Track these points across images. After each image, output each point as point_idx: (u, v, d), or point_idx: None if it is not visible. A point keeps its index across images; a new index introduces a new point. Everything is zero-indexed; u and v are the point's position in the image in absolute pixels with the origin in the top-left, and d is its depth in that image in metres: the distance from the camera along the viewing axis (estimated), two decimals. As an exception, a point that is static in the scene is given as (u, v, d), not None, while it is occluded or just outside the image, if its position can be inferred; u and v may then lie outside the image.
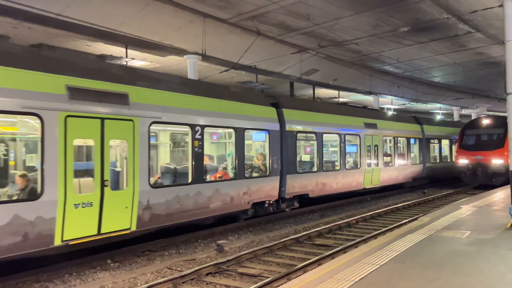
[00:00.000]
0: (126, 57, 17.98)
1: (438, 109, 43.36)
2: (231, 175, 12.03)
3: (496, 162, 22.26)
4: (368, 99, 33.61)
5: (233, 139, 12.05)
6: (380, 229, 12.19)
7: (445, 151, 27.73)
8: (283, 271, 8.07)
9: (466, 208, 12.71)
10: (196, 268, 8.20)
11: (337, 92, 29.82)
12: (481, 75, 29.20)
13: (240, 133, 12.14)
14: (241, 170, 12.11)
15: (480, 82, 31.77)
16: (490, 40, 20.75)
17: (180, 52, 18.00)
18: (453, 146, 27.37)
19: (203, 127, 10.76)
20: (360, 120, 18.84)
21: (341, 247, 9.94)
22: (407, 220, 13.49)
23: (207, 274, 8.19)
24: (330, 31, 18.04)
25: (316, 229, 12.12)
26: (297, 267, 8.29)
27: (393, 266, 6.57)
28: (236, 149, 11.98)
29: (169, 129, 12.87)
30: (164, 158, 13.45)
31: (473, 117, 35.70)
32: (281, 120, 14.13)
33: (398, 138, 21.58)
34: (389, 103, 36.46)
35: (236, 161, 12.01)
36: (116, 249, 9.52)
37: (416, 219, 11.95)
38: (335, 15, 16.74)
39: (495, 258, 7.00)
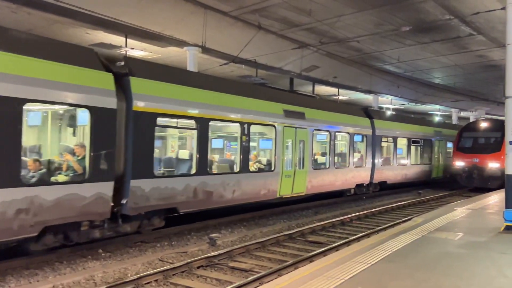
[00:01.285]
0: (126, 46, 17.86)
1: (437, 111, 43.38)
2: None
3: (493, 165, 22.28)
4: (367, 98, 33.57)
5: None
6: (373, 228, 12.19)
7: (405, 153, 22.94)
8: (274, 267, 8.05)
9: (460, 210, 12.71)
10: (188, 261, 8.17)
11: (336, 90, 29.74)
12: (481, 78, 29.21)
13: None
14: None
15: (480, 85, 31.77)
16: (491, 43, 20.72)
17: (180, 43, 17.90)
18: (419, 148, 24.24)
19: None
20: (277, 106, 13.77)
21: (333, 245, 9.93)
22: (400, 220, 13.49)
23: (198, 267, 8.17)
24: (332, 28, 17.97)
25: (310, 226, 12.11)
26: (288, 263, 8.27)
27: (385, 266, 6.55)
28: None
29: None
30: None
31: (471, 120, 35.70)
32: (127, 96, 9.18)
33: (337, 134, 17.03)
34: (388, 102, 36.42)
35: None
36: (108, 239, 9.48)
37: (409, 219, 11.95)
38: (338, 12, 16.66)
39: (487, 261, 6.99)
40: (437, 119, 38.40)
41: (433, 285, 5.69)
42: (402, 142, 22.56)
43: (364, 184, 19.19)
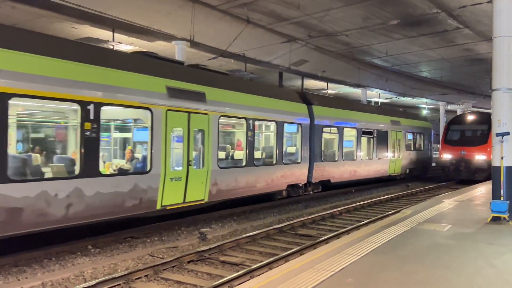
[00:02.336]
0: (113, 41, 17.68)
1: (424, 104, 43.78)
2: None
3: (479, 157, 22.58)
4: (356, 92, 33.73)
5: None
6: (363, 221, 12.29)
7: (353, 146, 19.62)
8: (265, 260, 8.07)
9: (448, 202, 12.87)
10: (178, 256, 8.16)
11: (325, 83, 29.83)
12: (468, 72, 29.52)
13: None
14: None
15: (467, 78, 32.11)
16: (478, 36, 20.92)
17: (168, 37, 17.77)
18: (373, 140, 20.84)
19: None
20: (156, 82, 10.12)
21: (323, 237, 9.98)
22: (390, 212, 13.62)
23: (189, 262, 8.16)
24: (321, 22, 17.98)
25: (300, 219, 12.16)
26: (279, 256, 8.30)
27: (374, 258, 6.61)
28: None
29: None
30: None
31: (458, 113, 36.09)
32: None
33: (258, 122, 13.88)
34: (377, 96, 36.66)
35: None
36: (98, 235, 9.42)
37: (398, 211, 12.06)
38: (326, 5, 16.66)
39: (474, 252, 7.09)
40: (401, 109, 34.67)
41: (422, 276, 5.76)
42: (350, 133, 19.29)
43: (300, 185, 15.94)
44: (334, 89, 33.58)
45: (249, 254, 8.98)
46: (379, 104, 37.47)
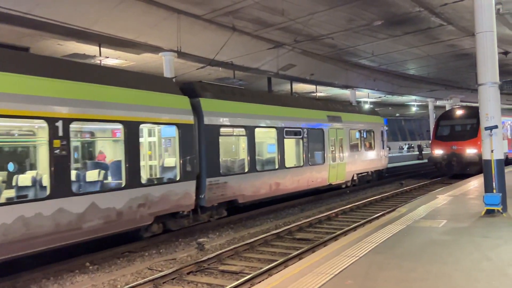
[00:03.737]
0: (100, 55, 17.66)
1: (413, 101, 44.17)
2: None
3: (470, 151, 22.80)
4: (344, 93, 33.94)
5: None
6: (359, 221, 12.34)
7: (273, 151, 15.22)
8: (264, 267, 8.08)
9: (442, 198, 12.98)
10: (177, 268, 8.14)
11: (314, 86, 30.01)
12: (453, 67, 29.88)
13: None
14: None
15: (453, 73, 32.50)
16: (461, 32, 21.20)
17: (155, 49, 17.79)
18: (302, 142, 16.30)
19: None
20: None
21: (321, 240, 10.02)
22: (385, 211, 13.69)
23: (188, 273, 8.14)
24: (306, 26, 18.11)
25: (297, 223, 12.18)
26: (278, 262, 8.32)
27: (372, 258, 6.65)
28: None
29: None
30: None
31: (447, 108, 36.46)
32: None
33: (74, 125, 8.71)
34: (366, 96, 36.93)
35: None
36: (95, 252, 9.36)
37: (394, 210, 12.14)
38: (310, 10, 16.82)
39: (470, 246, 7.16)
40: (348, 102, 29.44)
41: (421, 273, 5.81)
42: (267, 135, 15.50)
43: (184, 212, 11.20)
44: (323, 91, 33.79)
45: (248, 261, 8.98)
46: (316, 97, 32.13)
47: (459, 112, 25.20)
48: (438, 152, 24.21)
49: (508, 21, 19.24)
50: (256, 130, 13.84)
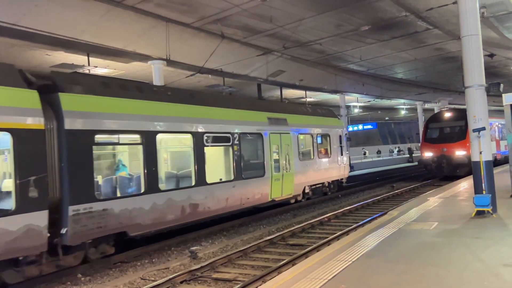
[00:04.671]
0: (89, 65, 17.59)
1: (402, 105, 44.56)
2: None
3: (460, 153, 23.02)
4: (334, 98, 34.16)
5: None
6: (351, 225, 12.38)
7: (188, 164, 12.08)
8: (258, 274, 8.06)
9: (433, 200, 13.07)
10: (170, 277, 8.08)
11: (304, 92, 30.16)
12: (441, 70, 30.24)
13: None
14: None
15: (440, 76, 32.88)
16: (447, 36, 21.49)
17: (144, 58, 17.80)
18: (232, 150, 13.04)
19: None
20: None
21: (314, 245, 10.02)
22: (377, 214, 13.75)
23: (181, 282, 8.09)
24: (294, 33, 18.24)
25: (290, 229, 12.18)
26: (271, 268, 8.31)
27: (365, 262, 6.68)
28: None
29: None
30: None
31: (435, 111, 36.82)
32: None
33: None
34: (355, 100, 37.19)
35: None
36: (87, 263, 9.27)
37: (385, 213, 12.20)
38: (298, 16, 16.94)
39: (462, 247, 7.22)
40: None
41: (413, 276, 5.85)
42: (178, 142, 12.81)
43: (30, 258, 7.93)
44: (312, 96, 33.98)
45: (241, 269, 8.96)
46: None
47: (447, 115, 25.46)
48: (428, 154, 24.41)
49: (492, 24, 19.55)
50: (160, 136, 10.66)
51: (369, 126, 40.16)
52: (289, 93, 31.00)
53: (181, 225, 11.35)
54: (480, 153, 9.98)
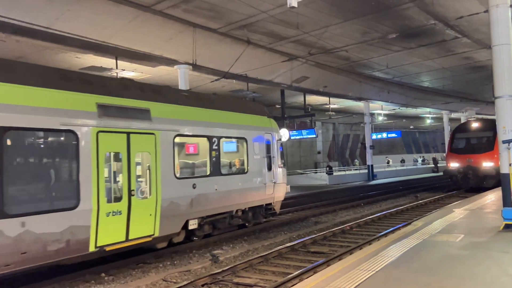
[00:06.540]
0: (116, 68, 17.98)
1: (428, 113, 43.86)
2: None
3: (487, 164, 22.48)
4: (358, 105, 33.89)
5: None
6: (374, 235, 12.22)
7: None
8: (279, 280, 8.05)
9: (458, 212, 12.79)
10: (192, 280, 8.14)
11: (327, 98, 30.03)
12: (469, 79, 29.66)
13: None
14: None
15: (468, 86, 32.24)
16: (476, 44, 21.09)
17: (171, 62, 18.06)
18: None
19: None
20: None
21: (336, 254, 9.94)
22: (401, 224, 13.54)
23: (202, 285, 8.14)
24: (320, 39, 18.21)
25: (311, 236, 12.11)
26: (292, 275, 8.27)
27: (389, 272, 6.58)
28: None
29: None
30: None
31: (462, 121, 36.08)
32: None
33: None
34: (379, 108, 36.80)
35: None
36: (110, 262, 9.43)
37: (409, 223, 12.00)
38: (324, 23, 16.93)
39: (489, 261, 7.05)
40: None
41: (438, 289, 5.73)
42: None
43: None
44: (336, 103, 33.78)
45: (262, 274, 8.95)
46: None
47: (475, 125, 24.93)
48: (454, 165, 23.93)
49: (524, 33, 19.08)
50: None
51: (393, 135, 39.53)
52: (313, 99, 30.93)
53: None
54: (510, 165, 9.74)
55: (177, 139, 10.62)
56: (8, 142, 7.34)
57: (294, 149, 41.96)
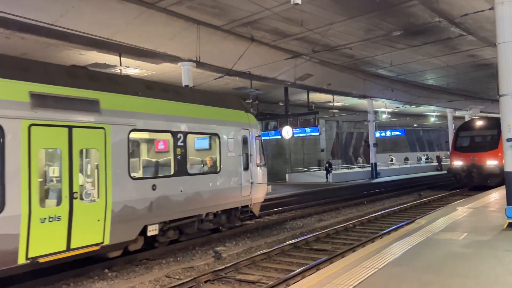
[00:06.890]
0: (120, 65, 18.00)
1: (432, 112, 43.69)
2: None
3: (491, 163, 22.39)
4: (362, 103, 33.80)
5: None
6: (377, 232, 12.21)
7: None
8: (282, 277, 8.06)
9: (462, 210, 12.76)
10: (195, 276, 8.16)
11: (331, 96, 29.97)
12: (473, 77, 29.53)
13: None
14: None
15: (473, 84, 32.10)
16: (481, 42, 20.98)
17: (174, 59, 18.06)
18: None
19: None
20: None
21: (339, 251, 9.94)
22: (404, 222, 13.51)
23: (205, 282, 8.16)
24: (324, 37, 18.17)
25: (314, 233, 12.11)
26: (295, 272, 8.28)
27: (391, 270, 6.58)
28: None
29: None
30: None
31: (466, 119, 35.94)
32: None
33: None
34: (383, 106, 36.69)
35: None
36: (113, 259, 9.47)
37: (413, 221, 11.98)
38: (328, 20, 16.88)
39: (492, 259, 7.02)
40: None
41: (441, 287, 5.72)
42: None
43: None
44: (340, 101, 33.71)
45: (265, 271, 8.97)
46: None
47: (479, 123, 24.81)
48: (458, 163, 23.84)
49: (530, 31, 18.96)
50: None
51: (397, 133, 39.40)
52: (316, 97, 30.87)
53: None
54: (514, 163, 9.69)
55: (133, 135, 9.40)
56: None
57: (298, 147, 41.92)
